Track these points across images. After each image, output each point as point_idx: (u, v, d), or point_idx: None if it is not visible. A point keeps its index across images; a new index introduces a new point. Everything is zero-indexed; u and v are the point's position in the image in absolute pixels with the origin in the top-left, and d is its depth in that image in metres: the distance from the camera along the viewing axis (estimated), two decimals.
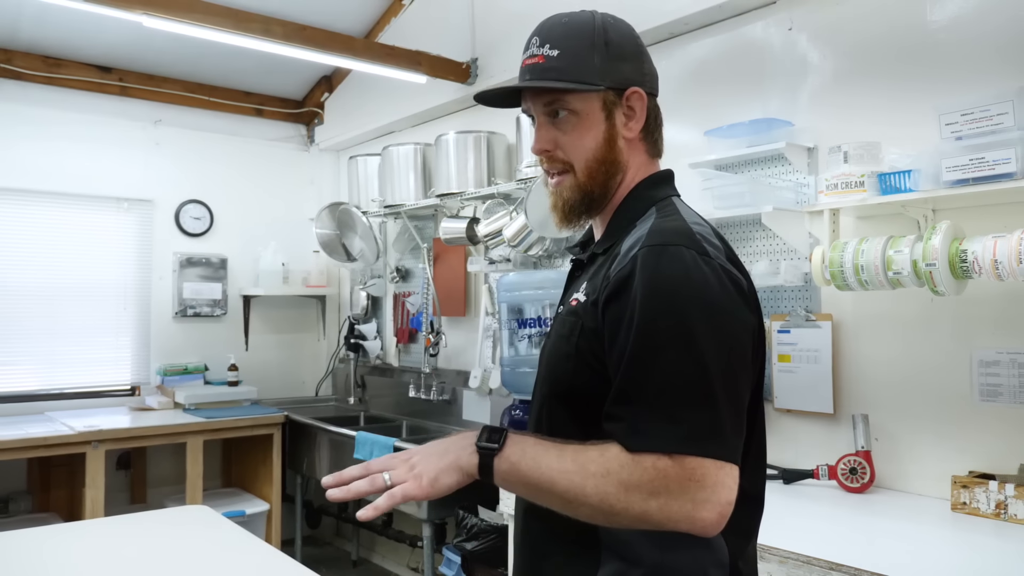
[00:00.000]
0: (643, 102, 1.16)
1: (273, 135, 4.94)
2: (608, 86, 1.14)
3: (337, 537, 4.87)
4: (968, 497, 1.97)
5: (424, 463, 1.03)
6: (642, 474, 0.93)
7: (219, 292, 4.57)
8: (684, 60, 2.91)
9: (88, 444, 3.50)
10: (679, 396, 0.95)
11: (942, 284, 1.96)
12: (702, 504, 0.92)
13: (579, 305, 1.11)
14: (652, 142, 1.21)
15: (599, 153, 1.15)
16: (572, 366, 1.08)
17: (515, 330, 3.16)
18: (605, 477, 0.95)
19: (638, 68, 1.17)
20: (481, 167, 3.53)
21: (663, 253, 1.01)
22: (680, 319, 0.97)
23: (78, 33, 3.93)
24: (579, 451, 0.98)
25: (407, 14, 4.23)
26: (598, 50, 1.13)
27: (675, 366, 0.96)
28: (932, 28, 2.23)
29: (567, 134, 1.15)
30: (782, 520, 1.96)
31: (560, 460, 0.98)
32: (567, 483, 0.96)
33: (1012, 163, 1.82)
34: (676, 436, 0.93)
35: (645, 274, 1.00)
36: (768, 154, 2.54)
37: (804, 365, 2.47)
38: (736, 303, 1.03)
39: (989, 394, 2.08)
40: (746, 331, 1.04)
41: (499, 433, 1.02)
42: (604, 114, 1.14)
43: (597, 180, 1.15)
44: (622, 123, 1.15)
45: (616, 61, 1.14)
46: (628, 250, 1.05)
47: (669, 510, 0.93)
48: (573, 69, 1.13)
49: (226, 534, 2.07)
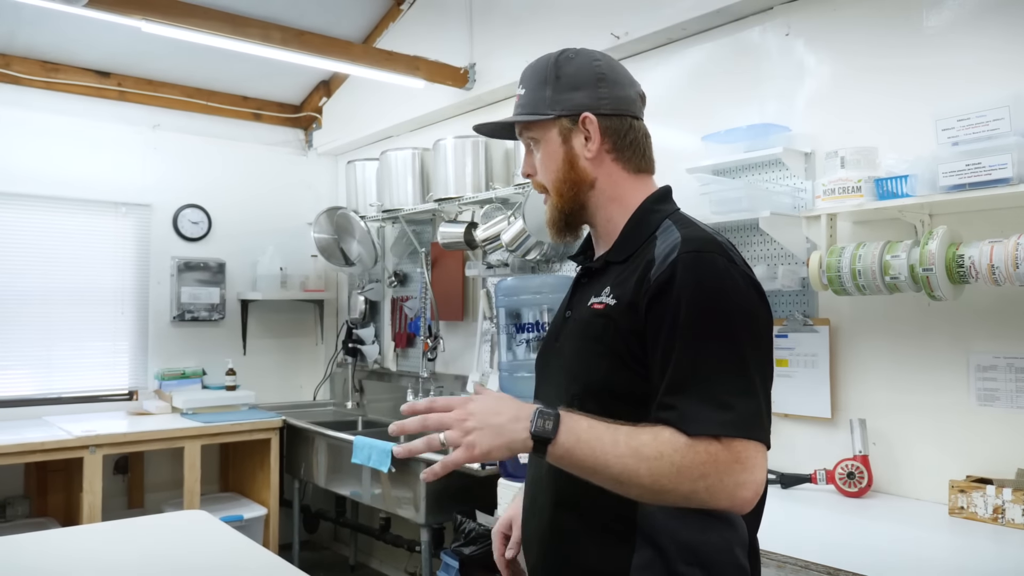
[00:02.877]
0: (595, 125, 1.25)
1: (271, 139, 4.94)
2: (559, 114, 1.26)
3: (335, 542, 4.86)
4: (966, 502, 1.98)
5: (479, 433, 1.05)
6: (695, 457, 1.02)
7: (217, 296, 4.56)
8: (682, 65, 2.92)
9: (86, 449, 3.50)
10: (727, 386, 1.05)
11: (939, 289, 1.97)
12: (744, 484, 1.03)
13: (609, 308, 1.18)
14: (626, 159, 1.28)
15: (561, 174, 1.27)
16: (608, 364, 1.16)
17: (513, 334, 3.16)
18: (658, 460, 1.03)
19: (592, 95, 1.27)
20: (479, 172, 3.53)
21: (700, 259, 1.12)
22: (722, 318, 1.09)
23: (76, 38, 3.94)
24: (632, 434, 1.05)
25: (405, 19, 4.24)
26: (549, 84, 1.27)
27: (720, 359, 1.07)
28: (929, 33, 2.24)
29: (538, 160, 1.30)
30: (780, 525, 1.96)
31: (615, 445, 1.04)
32: (621, 467, 1.03)
33: (1008, 168, 1.82)
34: (729, 421, 1.03)
35: (687, 277, 1.10)
36: (765, 159, 2.54)
37: (801, 369, 2.48)
38: (761, 304, 1.15)
39: (986, 398, 2.09)
40: (769, 329, 1.17)
41: (553, 419, 1.06)
42: (561, 139, 1.27)
43: (566, 198, 1.28)
44: (581, 145, 1.26)
45: (566, 91, 1.26)
46: (665, 257, 1.14)
47: (715, 490, 1.02)
48: (530, 104, 1.28)
49: (224, 539, 2.07)
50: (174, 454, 3.95)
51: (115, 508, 3.95)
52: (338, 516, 4.53)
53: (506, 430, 1.06)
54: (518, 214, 3.18)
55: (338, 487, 3.80)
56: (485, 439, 1.05)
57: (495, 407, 1.08)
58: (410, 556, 4.05)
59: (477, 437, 1.05)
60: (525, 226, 3.07)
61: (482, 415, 1.07)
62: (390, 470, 3.25)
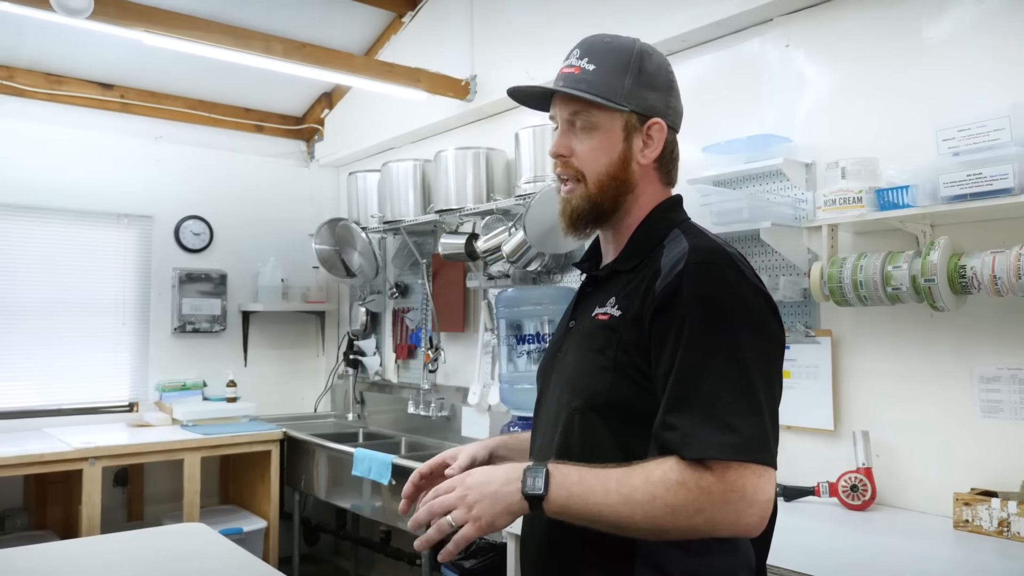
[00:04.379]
0: (663, 134, 1.21)
1: (273, 151, 4.95)
2: (632, 109, 1.19)
3: (335, 555, 4.83)
4: (970, 515, 1.96)
5: (480, 505, 1.06)
6: (687, 495, 0.99)
7: (218, 308, 4.56)
8: (682, 77, 2.87)
9: (85, 461, 3.48)
10: (731, 406, 1.01)
11: (941, 300, 1.96)
12: (745, 512, 0.99)
13: (613, 320, 1.15)
14: (666, 172, 1.25)
15: (612, 169, 1.20)
16: (611, 378, 1.12)
17: (514, 346, 3.16)
18: (652, 503, 1.00)
19: (664, 101, 1.22)
20: (480, 183, 3.54)
21: (708, 271, 1.08)
22: (728, 333, 1.05)
23: (80, 50, 3.95)
24: (623, 480, 1.02)
25: (406, 31, 4.26)
26: (631, 73, 1.19)
27: (725, 377, 1.03)
28: (928, 44, 2.24)
29: (584, 144, 1.20)
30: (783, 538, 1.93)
31: (606, 495, 1.02)
32: (616, 515, 1.02)
33: (1009, 179, 1.82)
34: (731, 444, 1.00)
35: (693, 290, 1.07)
36: (766, 170, 2.54)
37: (804, 381, 2.46)
38: (770, 319, 1.11)
39: (990, 410, 2.07)
40: (779, 345, 1.13)
41: (542, 475, 1.05)
42: (623, 134, 1.19)
43: (607, 194, 1.20)
44: (639, 148, 1.20)
45: (645, 88, 1.20)
46: (672, 267, 1.11)
47: (715, 522, 1.00)
48: (603, 85, 1.18)
49: (223, 552, 2.05)
50: (174, 466, 3.93)
51: (114, 521, 3.93)
52: (338, 529, 4.51)
53: (501, 495, 1.06)
54: (519, 225, 3.18)
55: (339, 500, 3.78)
56: (486, 509, 1.05)
57: (487, 476, 1.09)
58: (411, 569, 4.02)
59: (479, 509, 1.05)
60: (526, 237, 3.06)
61: (478, 487, 1.07)
62: (391, 482, 3.23)
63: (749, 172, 2.59)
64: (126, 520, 4.16)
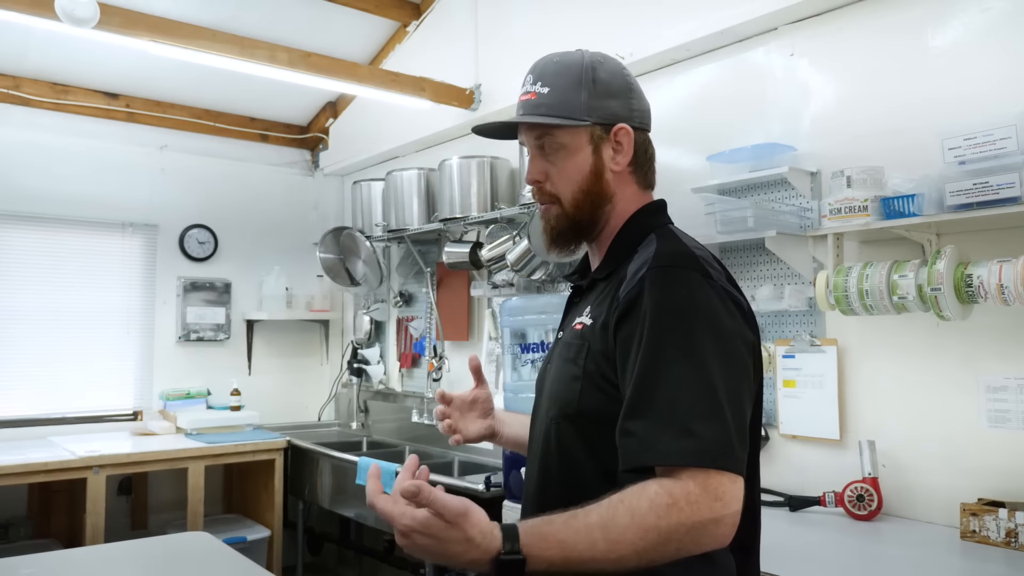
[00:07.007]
0: (630, 137, 1.20)
1: (278, 160, 4.97)
2: (594, 121, 1.19)
3: (339, 564, 4.81)
4: (977, 525, 1.95)
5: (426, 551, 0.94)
6: (679, 514, 0.94)
7: (223, 316, 4.57)
8: (686, 86, 2.92)
9: (89, 469, 3.48)
10: (690, 410, 0.98)
11: (947, 309, 1.95)
12: (720, 520, 0.95)
13: (586, 329, 1.14)
14: (642, 175, 1.25)
15: (585, 184, 1.20)
16: (580, 387, 1.11)
17: (518, 355, 3.15)
18: (644, 538, 0.94)
19: (626, 105, 1.21)
20: (484, 192, 3.54)
21: (669, 274, 1.06)
22: (688, 336, 1.02)
23: (85, 60, 3.97)
24: (606, 527, 0.94)
25: (411, 41, 4.27)
26: (585, 87, 1.19)
27: (685, 381, 0.99)
28: (934, 53, 2.24)
29: (555, 166, 1.21)
30: (789, 548, 1.93)
31: (591, 548, 0.94)
32: (604, 560, 0.94)
33: (1016, 187, 1.81)
34: (691, 449, 0.96)
35: (654, 294, 1.04)
36: (771, 179, 2.54)
37: (809, 390, 2.45)
38: (737, 321, 1.08)
39: (997, 420, 2.06)
40: (747, 347, 1.08)
41: (510, 538, 0.93)
42: (591, 148, 1.19)
43: (584, 210, 1.21)
44: (609, 157, 1.20)
45: (603, 98, 1.19)
46: (635, 273, 1.09)
47: (701, 541, 0.96)
48: (560, 105, 1.18)
49: (227, 561, 2.05)
50: (178, 475, 3.93)
51: (118, 529, 3.93)
52: (342, 538, 4.49)
53: (463, 558, 0.93)
54: (523, 234, 3.17)
55: (342, 508, 3.77)
56: (432, 553, 0.94)
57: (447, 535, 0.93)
58: None
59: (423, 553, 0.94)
60: (530, 246, 3.06)
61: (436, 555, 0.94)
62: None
63: (754, 181, 2.59)
64: (130, 529, 4.16)
